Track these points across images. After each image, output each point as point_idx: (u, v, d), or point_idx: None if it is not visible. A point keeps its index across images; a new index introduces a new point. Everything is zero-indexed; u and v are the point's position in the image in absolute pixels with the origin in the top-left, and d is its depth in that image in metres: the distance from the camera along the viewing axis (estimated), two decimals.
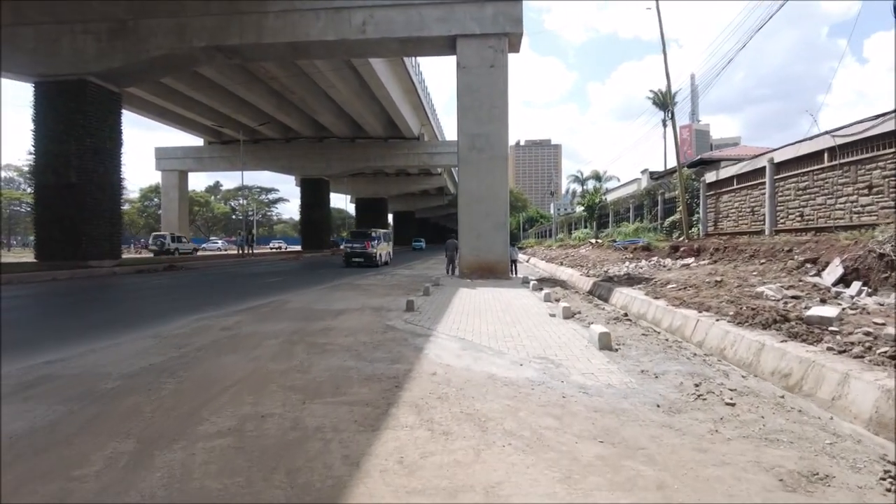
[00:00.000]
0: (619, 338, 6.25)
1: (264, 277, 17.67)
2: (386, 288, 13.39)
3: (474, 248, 17.02)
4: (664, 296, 9.91)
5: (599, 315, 8.53)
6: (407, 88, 36.25)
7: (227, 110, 36.50)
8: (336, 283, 15.20)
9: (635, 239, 25.82)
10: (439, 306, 9.35)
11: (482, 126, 17.17)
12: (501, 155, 17.11)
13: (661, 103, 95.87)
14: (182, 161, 47.24)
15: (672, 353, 5.56)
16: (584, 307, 9.85)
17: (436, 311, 8.63)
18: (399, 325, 7.26)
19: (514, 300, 10.48)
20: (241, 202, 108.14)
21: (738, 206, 18.29)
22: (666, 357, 5.33)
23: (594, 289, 14.42)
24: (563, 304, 8.46)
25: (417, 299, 10.30)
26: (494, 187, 17.02)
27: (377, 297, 11.11)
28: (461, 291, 12.22)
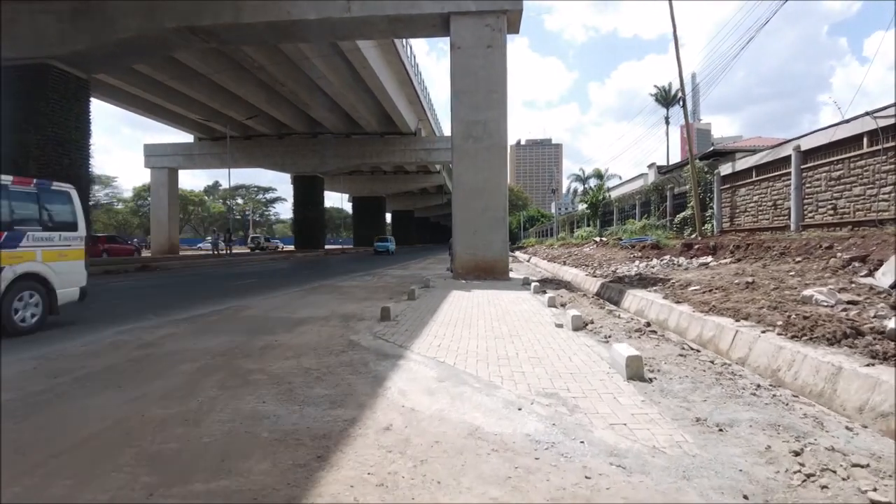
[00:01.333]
0: (649, 359, 4.70)
1: (241, 279, 16.14)
2: (369, 291, 11.86)
3: (470, 246, 15.48)
4: (687, 299, 8.43)
5: (616, 325, 6.99)
6: (402, 80, 34.69)
7: (216, 105, 34.98)
8: (317, 284, 13.69)
9: (643, 237, 24.29)
10: (423, 314, 7.81)
11: (479, 112, 15.62)
12: (500, 144, 15.57)
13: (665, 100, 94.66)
14: (172, 158, 45.69)
15: (728, 385, 4.01)
16: (596, 314, 8.31)
17: (417, 321, 7.09)
18: (365, 340, 5.72)
19: (512, 305, 8.95)
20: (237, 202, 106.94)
21: (758, 200, 16.74)
22: (723, 392, 3.78)
23: (602, 291, 12.99)
24: (573, 311, 6.91)
25: (399, 305, 8.78)
26: (492, 179, 15.48)
27: (354, 301, 9.58)
28: (453, 294, 10.69)
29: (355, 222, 71.59)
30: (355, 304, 9.19)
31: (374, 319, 7.20)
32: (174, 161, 45.69)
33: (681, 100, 64.83)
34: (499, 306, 8.85)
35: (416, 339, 5.77)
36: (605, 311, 8.65)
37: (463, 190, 15.63)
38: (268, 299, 10.08)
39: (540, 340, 5.75)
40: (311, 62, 27.42)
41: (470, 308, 8.57)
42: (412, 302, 9.28)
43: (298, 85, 31.69)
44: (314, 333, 6.18)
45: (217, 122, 37.52)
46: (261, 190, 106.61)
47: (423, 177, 63.71)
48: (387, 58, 30.45)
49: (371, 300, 9.83)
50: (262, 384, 3.96)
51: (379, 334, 6.03)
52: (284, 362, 4.67)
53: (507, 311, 8.28)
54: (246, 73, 30.81)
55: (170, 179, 45.71)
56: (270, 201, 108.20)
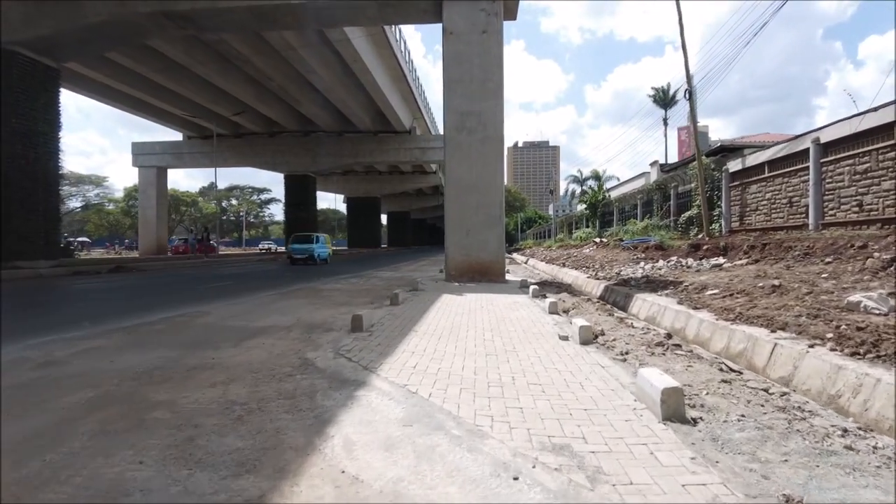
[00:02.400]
0: (685, 386, 3.59)
1: (218, 281, 14.98)
2: (350, 294, 10.74)
3: (463, 246, 14.37)
4: (706, 305, 7.39)
5: (631, 337, 5.90)
6: (395, 76, 33.61)
7: (202, 100, 33.89)
8: (297, 287, 12.56)
9: (645, 237, 23.24)
10: (405, 322, 6.70)
11: (473, 102, 14.53)
12: (496, 136, 14.47)
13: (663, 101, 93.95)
14: (161, 157, 44.51)
15: (806, 432, 2.90)
16: (604, 322, 7.21)
17: (395, 332, 5.97)
18: (324, 359, 4.59)
19: (508, 311, 7.84)
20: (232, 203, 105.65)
21: (771, 198, 15.68)
22: (806, 446, 2.67)
23: (607, 294, 11.96)
24: (580, 320, 5.80)
25: (378, 311, 7.66)
26: (487, 174, 14.38)
27: (330, 307, 8.45)
28: (443, 299, 9.57)
29: (350, 224, 70.42)
30: (330, 310, 8.06)
31: (345, 330, 6.08)
32: (163, 160, 44.50)
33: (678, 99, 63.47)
34: (493, 313, 7.74)
35: (388, 357, 4.65)
36: (614, 319, 7.54)
37: (456, 185, 14.52)
38: (234, 304, 8.95)
39: (542, 358, 4.64)
40: (299, 55, 26.32)
41: (460, 315, 7.46)
42: (395, 308, 8.16)
43: (287, 79, 30.58)
44: (264, 349, 5.06)
45: (205, 119, 36.37)
46: (255, 191, 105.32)
47: (419, 177, 62.59)
48: (379, 51, 29.37)
49: (349, 305, 8.71)
50: (159, 428, 2.84)
51: (343, 350, 4.91)
52: (206, 391, 3.54)
53: (502, 318, 7.17)
54: (232, 66, 29.69)
55: (158, 179, 44.53)
56: (265, 202, 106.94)
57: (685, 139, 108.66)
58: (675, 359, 4.82)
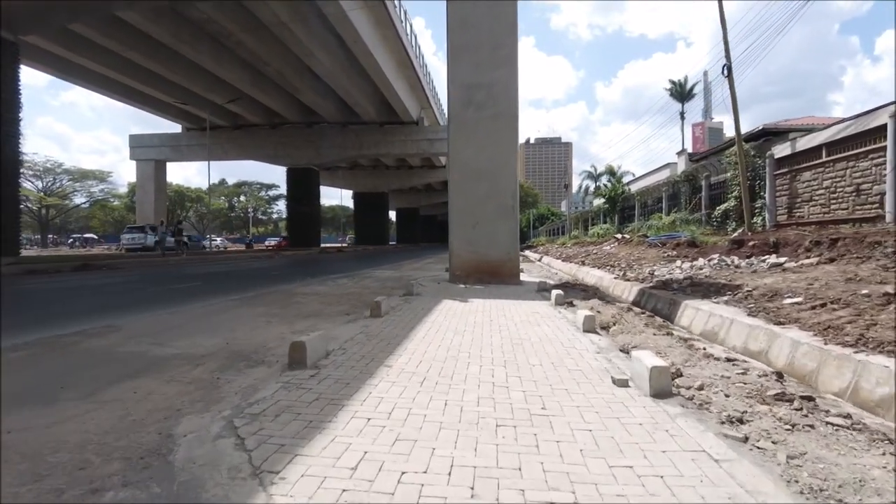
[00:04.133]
0: None
1: (184, 281, 13.00)
2: (327, 301, 8.64)
3: (470, 242, 12.27)
4: (792, 319, 5.43)
5: (725, 379, 3.77)
6: (401, 61, 31.51)
7: (197, 88, 32.02)
8: (270, 289, 10.54)
9: (673, 233, 20.98)
10: (378, 348, 4.62)
11: (482, 73, 12.40)
12: (509, 112, 12.33)
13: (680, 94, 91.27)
14: (159, 150, 42.85)
15: None
16: (665, 345, 5.09)
17: (355, 368, 3.89)
18: (198, 442, 2.50)
19: (527, 327, 5.74)
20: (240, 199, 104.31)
21: (831, 186, 13.39)
22: None
23: (642, 299, 9.91)
24: (646, 356, 3.64)
25: (348, 328, 5.59)
26: (499, 158, 12.24)
27: (287, 321, 6.36)
28: (441, 307, 7.48)
29: (357, 220, 68.49)
30: (284, 325, 5.98)
31: (282, 364, 4.01)
32: (161, 153, 42.84)
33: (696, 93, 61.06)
34: (506, 329, 5.63)
35: (320, 435, 2.55)
36: (677, 342, 5.38)
37: (461, 171, 12.41)
38: (169, 314, 6.91)
39: (597, 437, 2.53)
40: (294, 35, 24.29)
41: (460, 334, 5.35)
42: (374, 322, 6.07)
43: (284, 63, 28.59)
44: (123, 407, 3.00)
45: (198, 108, 34.44)
46: (264, 187, 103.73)
47: (428, 172, 60.49)
48: (382, 32, 27.27)
49: (317, 318, 6.64)
50: None
51: (247, 415, 2.82)
52: None
53: (519, 340, 5.06)
54: (224, 49, 27.77)
55: (156, 172, 42.91)
56: (273, 198, 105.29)
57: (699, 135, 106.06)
58: (831, 434, 2.69)
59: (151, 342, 4.94)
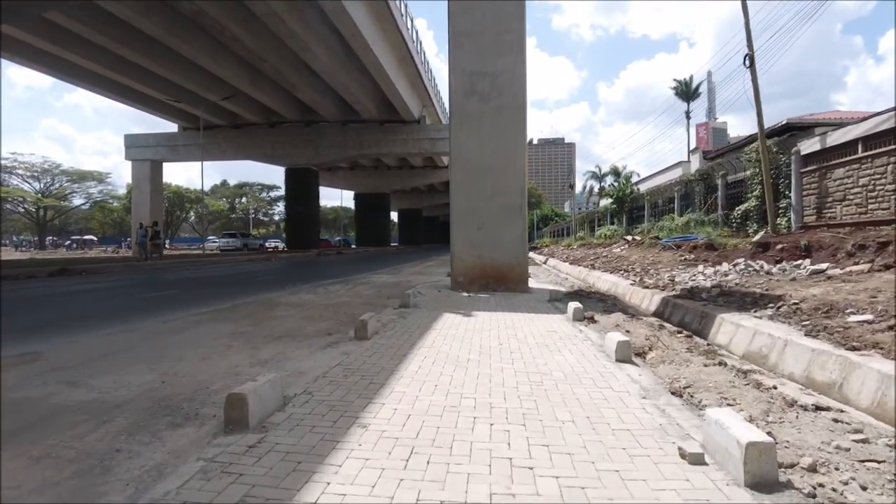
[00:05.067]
0: None
1: (161, 288, 11.93)
2: (309, 315, 7.52)
3: (474, 245, 11.17)
4: (868, 343, 4.57)
5: (842, 452, 2.66)
6: (401, 57, 30.42)
7: (192, 86, 31.00)
8: (252, 298, 9.45)
9: (688, 235, 19.86)
10: (356, 391, 3.52)
11: (486, 61, 11.31)
12: (516, 103, 11.23)
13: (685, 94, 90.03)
14: (154, 150, 41.84)
15: None
16: (725, 383, 3.97)
17: (318, 430, 2.79)
18: None
19: (546, 354, 4.63)
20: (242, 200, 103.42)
21: (869, 183, 12.25)
22: None
23: (666, 310, 8.88)
24: (724, 415, 2.54)
25: (323, 357, 4.50)
26: (505, 152, 11.14)
27: (252, 345, 5.25)
28: (441, 323, 6.38)
29: (357, 221, 67.41)
30: (246, 352, 4.87)
31: (216, 423, 2.91)
32: (157, 153, 41.84)
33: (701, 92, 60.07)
34: (519, 359, 4.53)
35: None
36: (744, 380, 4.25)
37: (464, 167, 11.31)
38: (116, 333, 5.82)
39: None
40: (290, 28, 23.21)
41: (462, 367, 4.25)
42: (357, 346, 4.97)
43: (281, 59, 27.53)
44: None
45: (195, 106, 33.38)
46: (265, 188, 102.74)
47: (430, 172, 59.36)
48: (382, 26, 26.21)
49: (293, 339, 5.53)
50: None
51: None
52: None
53: (537, 377, 3.96)
54: (220, 46, 26.75)
55: (153, 173, 41.91)
56: (275, 200, 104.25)
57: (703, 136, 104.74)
58: None
59: (65, 379, 3.85)
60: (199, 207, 69.32)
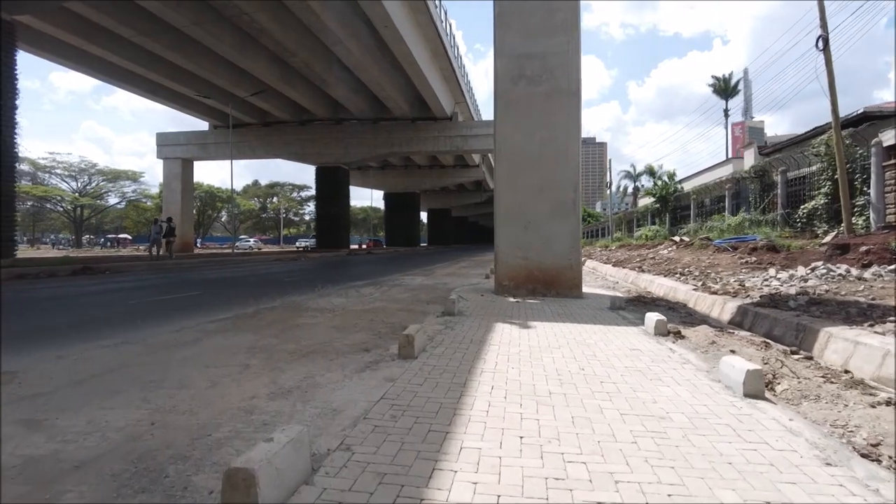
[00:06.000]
0: None
1: (184, 289, 11.17)
2: (343, 322, 6.54)
3: (520, 245, 10.09)
4: None
5: None
6: (435, 51, 29.47)
7: (221, 82, 30.61)
8: (277, 302, 8.56)
9: (742, 236, 18.41)
10: (404, 454, 2.51)
11: (535, 41, 10.23)
12: (569, 88, 10.10)
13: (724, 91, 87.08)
14: (185, 148, 41.82)
15: None
16: None
17: None
18: None
19: (648, 387, 3.53)
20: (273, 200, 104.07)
21: None
22: None
23: (744, 320, 7.82)
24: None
25: (364, 386, 3.49)
26: (556, 143, 10.03)
27: (276, 365, 4.27)
28: (498, 341, 5.33)
29: (387, 220, 66.81)
30: (265, 376, 3.87)
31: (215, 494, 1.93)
32: (188, 151, 41.80)
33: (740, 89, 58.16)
34: (615, 392, 3.45)
35: None
36: None
37: (510, 159, 10.23)
38: (116, 346, 4.93)
39: None
40: (321, 21, 22.44)
41: (545, 403, 3.20)
42: (402, 370, 3.97)
43: (313, 55, 26.86)
44: None
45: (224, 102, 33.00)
46: (296, 188, 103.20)
47: (461, 171, 58.35)
48: (415, 18, 25.31)
49: (322, 356, 4.55)
50: None
51: None
52: None
53: (654, 421, 2.88)
54: (249, 40, 26.19)
55: (183, 171, 41.91)
56: (305, 200, 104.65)
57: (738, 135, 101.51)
58: None
59: (29, 415, 2.93)
60: (230, 206, 69.66)
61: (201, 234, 78.73)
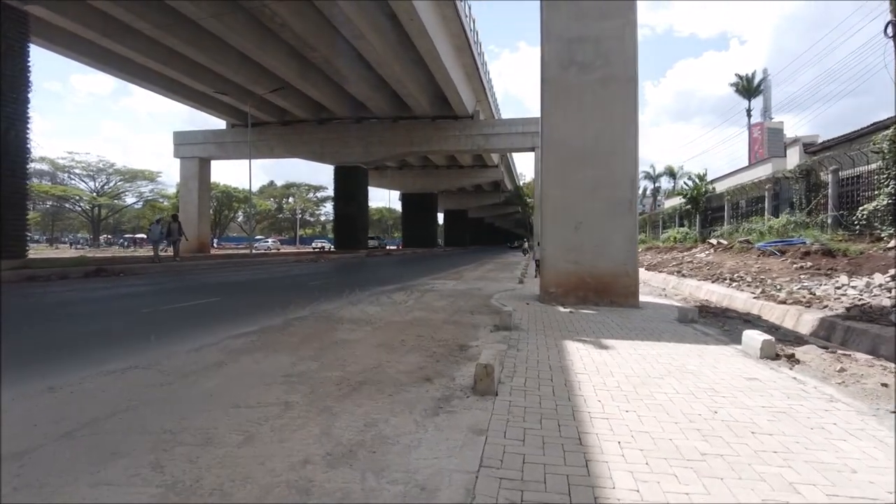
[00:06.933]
0: None
1: (200, 295, 10.36)
2: (388, 337, 5.66)
3: (570, 249, 9.14)
4: None
5: None
6: (458, 45, 28.55)
7: (240, 79, 29.94)
8: (305, 312, 7.71)
9: (789, 239, 17.23)
10: None
11: (588, 24, 9.29)
12: (625, 75, 9.14)
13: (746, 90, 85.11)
14: (203, 147, 41.27)
15: None
16: None
17: None
18: None
19: (822, 446, 2.57)
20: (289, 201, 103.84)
21: None
22: None
23: (832, 334, 7.16)
24: None
25: (448, 440, 2.57)
26: (612, 134, 9.08)
27: (324, 402, 3.38)
28: (580, 364, 4.41)
29: (404, 221, 65.97)
30: (314, 422, 2.97)
31: None
32: (205, 150, 41.26)
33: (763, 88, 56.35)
34: (781, 448, 2.51)
35: None
36: None
37: (557, 152, 9.28)
38: (122, 373, 4.08)
39: None
40: (343, 13, 21.61)
41: (705, 473, 2.27)
42: (486, 411, 3.07)
43: (333, 50, 26.07)
44: None
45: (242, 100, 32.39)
46: (312, 188, 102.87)
47: (479, 171, 57.33)
48: (441, 11, 24.44)
49: (378, 389, 3.65)
50: None
51: None
52: None
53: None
54: (269, 35, 25.46)
55: (200, 170, 41.36)
56: (321, 200, 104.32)
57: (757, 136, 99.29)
58: None
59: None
60: (247, 207, 69.36)
61: (218, 234, 78.62)
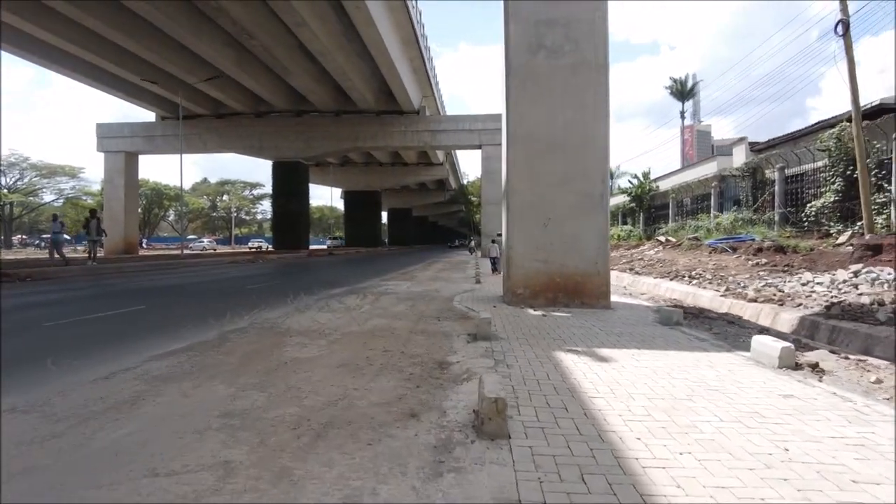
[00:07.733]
0: None
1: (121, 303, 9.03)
2: (350, 354, 4.76)
3: (539, 247, 8.48)
4: None
5: None
6: (406, 38, 27.60)
7: (172, 69, 27.81)
8: (248, 322, 6.65)
9: (737, 235, 17.43)
10: None
11: (558, 6, 8.66)
12: (597, 62, 8.56)
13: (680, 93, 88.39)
14: (130, 140, 38.34)
15: None
16: None
17: None
18: None
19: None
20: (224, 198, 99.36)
21: None
22: None
23: (816, 334, 7.17)
24: None
25: None
26: (582, 124, 8.48)
27: (282, 459, 2.51)
28: (585, 383, 3.67)
29: (347, 220, 64.28)
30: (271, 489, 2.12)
31: None
32: (132, 144, 38.36)
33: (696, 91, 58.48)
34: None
35: None
36: None
37: (526, 143, 8.59)
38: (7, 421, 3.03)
39: None
40: None
41: None
42: (504, 467, 2.27)
43: (273, 39, 24.54)
44: None
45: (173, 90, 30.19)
46: (248, 185, 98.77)
47: (424, 169, 56.48)
48: (388, 2, 23.39)
49: (351, 436, 2.78)
50: None
51: None
52: None
53: None
54: (204, 20, 23.71)
55: (127, 166, 38.39)
56: (258, 198, 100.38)
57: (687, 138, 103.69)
58: None
59: None
60: (179, 205, 65.62)
61: (147, 233, 74.12)
